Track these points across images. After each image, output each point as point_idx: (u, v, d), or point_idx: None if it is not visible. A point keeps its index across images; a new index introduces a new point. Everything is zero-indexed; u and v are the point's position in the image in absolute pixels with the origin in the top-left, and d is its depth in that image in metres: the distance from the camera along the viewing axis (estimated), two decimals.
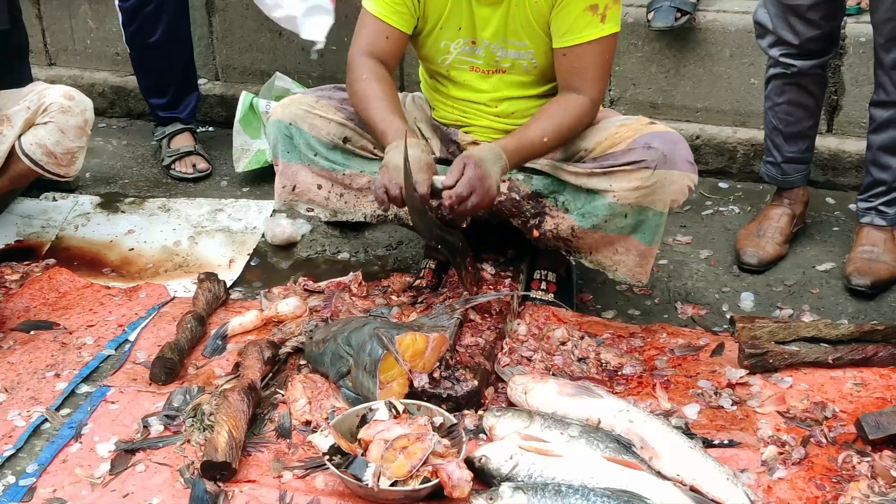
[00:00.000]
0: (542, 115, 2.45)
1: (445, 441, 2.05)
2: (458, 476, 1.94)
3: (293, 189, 2.67)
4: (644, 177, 2.38)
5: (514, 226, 2.58)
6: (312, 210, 2.70)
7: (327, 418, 2.22)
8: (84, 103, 3.05)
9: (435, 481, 1.96)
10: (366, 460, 2.00)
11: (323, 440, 2.08)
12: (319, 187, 2.66)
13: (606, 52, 2.43)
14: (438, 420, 2.14)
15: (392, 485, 1.97)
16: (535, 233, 2.55)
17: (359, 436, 2.09)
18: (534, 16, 2.42)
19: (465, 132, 2.63)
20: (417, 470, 1.97)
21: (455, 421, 2.14)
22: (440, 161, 2.69)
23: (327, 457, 2.03)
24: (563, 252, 2.61)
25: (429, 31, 2.52)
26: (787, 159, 2.99)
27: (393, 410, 2.14)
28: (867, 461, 2.08)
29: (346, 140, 2.61)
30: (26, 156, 2.99)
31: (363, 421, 2.13)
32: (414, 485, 1.97)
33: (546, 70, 2.51)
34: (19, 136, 2.99)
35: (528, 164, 2.50)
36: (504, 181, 2.53)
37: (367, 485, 1.95)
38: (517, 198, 2.53)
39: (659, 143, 2.38)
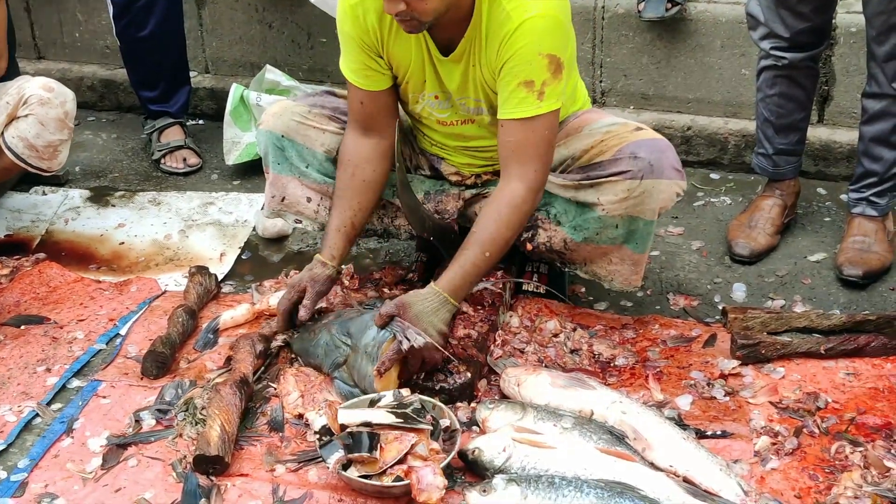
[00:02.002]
0: (475, 230, 2.31)
1: (435, 445, 2.04)
2: (428, 481, 1.93)
3: (282, 200, 2.65)
4: (631, 187, 2.36)
5: None
6: (301, 222, 2.69)
7: (331, 404, 2.21)
8: (64, 94, 3.00)
9: (406, 482, 1.95)
10: (339, 445, 2.00)
11: (316, 418, 2.10)
12: (309, 200, 2.64)
13: (544, 130, 2.26)
14: (445, 422, 2.12)
15: (367, 478, 1.98)
16: (529, 246, 2.52)
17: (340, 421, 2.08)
18: (488, 79, 2.33)
19: (448, 164, 2.61)
20: (391, 468, 1.97)
21: (458, 427, 2.13)
22: (429, 177, 2.66)
23: (317, 436, 2.06)
24: (557, 264, 2.60)
25: (399, 81, 2.45)
26: (779, 151, 2.99)
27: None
28: (860, 451, 2.08)
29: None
30: (9, 149, 2.97)
31: (373, 406, 2.12)
32: (387, 481, 1.97)
33: None
34: (2, 130, 2.96)
35: None
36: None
37: (330, 469, 1.98)
38: None
39: (645, 152, 2.35)
